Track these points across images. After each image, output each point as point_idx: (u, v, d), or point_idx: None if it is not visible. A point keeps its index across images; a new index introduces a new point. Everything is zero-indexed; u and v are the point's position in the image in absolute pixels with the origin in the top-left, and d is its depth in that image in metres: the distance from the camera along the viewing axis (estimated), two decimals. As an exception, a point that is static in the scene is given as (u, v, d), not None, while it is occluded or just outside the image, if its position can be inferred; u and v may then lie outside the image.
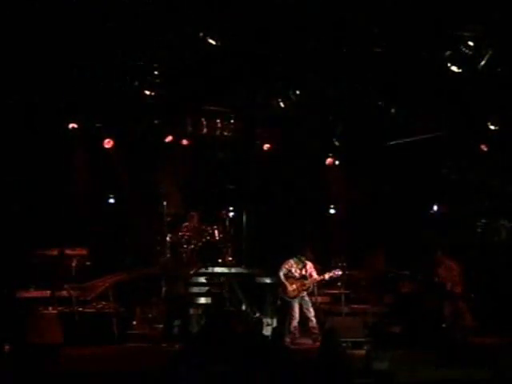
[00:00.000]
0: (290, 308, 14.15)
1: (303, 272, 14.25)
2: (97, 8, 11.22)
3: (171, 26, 11.59)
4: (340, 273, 14.33)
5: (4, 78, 12.69)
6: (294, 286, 14.15)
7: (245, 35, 12.16)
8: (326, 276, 14.28)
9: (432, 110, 15.38)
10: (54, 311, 12.92)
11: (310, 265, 14.37)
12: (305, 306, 14.13)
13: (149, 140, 15.92)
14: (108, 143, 15.55)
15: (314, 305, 14.30)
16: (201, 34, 11.70)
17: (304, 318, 14.14)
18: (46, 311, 13.01)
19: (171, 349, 12.49)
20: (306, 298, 14.20)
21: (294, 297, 14.12)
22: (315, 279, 14.25)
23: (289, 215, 17.37)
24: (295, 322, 14.05)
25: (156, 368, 8.64)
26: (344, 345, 11.64)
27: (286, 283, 14.14)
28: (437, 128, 16.14)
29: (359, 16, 11.64)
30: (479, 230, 17.28)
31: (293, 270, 14.25)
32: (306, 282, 14.15)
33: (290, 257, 14.43)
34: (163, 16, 11.49)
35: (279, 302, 14.56)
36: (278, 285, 14.39)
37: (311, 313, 14.09)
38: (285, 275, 14.22)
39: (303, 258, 14.35)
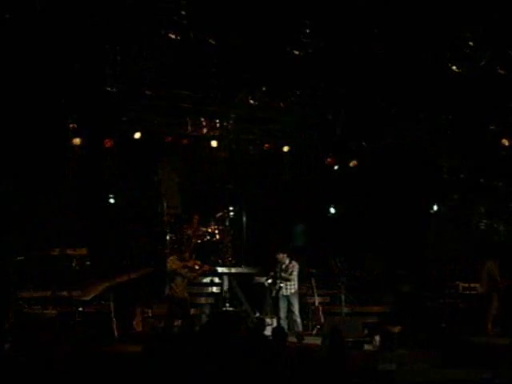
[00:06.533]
0: None
1: None
2: (97, 7, 11.22)
3: (171, 27, 11.58)
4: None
5: (4, 78, 12.70)
6: None
7: (244, 35, 12.15)
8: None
9: (432, 109, 15.40)
10: (54, 311, 12.91)
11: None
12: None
13: (149, 140, 15.91)
14: (108, 143, 15.53)
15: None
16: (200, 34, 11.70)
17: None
18: (45, 311, 13.00)
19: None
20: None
21: None
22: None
23: (288, 215, 17.39)
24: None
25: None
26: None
27: None
28: (436, 128, 16.15)
29: (359, 16, 11.64)
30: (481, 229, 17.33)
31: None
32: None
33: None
34: (163, 16, 11.49)
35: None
36: None
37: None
38: None
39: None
